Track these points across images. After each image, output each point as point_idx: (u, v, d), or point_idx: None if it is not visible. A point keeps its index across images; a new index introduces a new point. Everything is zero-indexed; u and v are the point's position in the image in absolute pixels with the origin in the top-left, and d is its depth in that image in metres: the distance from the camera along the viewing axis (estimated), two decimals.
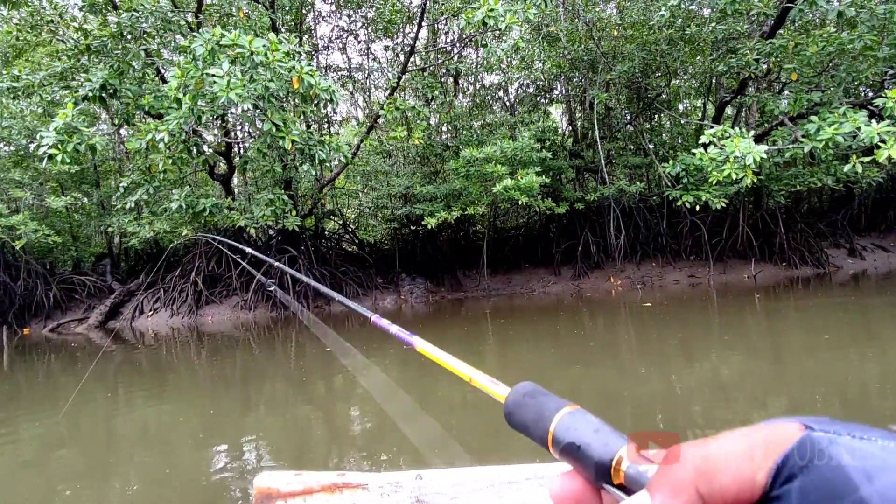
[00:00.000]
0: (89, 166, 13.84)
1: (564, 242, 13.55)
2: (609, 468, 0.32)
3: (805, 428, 0.26)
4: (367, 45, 14.93)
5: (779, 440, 0.26)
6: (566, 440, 0.35)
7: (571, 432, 0.35)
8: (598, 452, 0.33)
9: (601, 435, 0.34)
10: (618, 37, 11.63)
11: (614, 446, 0.33)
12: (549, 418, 0.37)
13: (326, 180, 12.51)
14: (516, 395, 0.41)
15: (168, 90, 6.20)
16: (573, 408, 0.37)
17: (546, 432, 0.37)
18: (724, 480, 0.26)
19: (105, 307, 12.21)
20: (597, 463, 0.33)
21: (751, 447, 0.26)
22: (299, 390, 6.51)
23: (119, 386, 7.49)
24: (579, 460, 0.34)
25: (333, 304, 12.30)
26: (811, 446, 0.25)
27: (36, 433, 5.30)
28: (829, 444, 0.25)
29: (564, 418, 0.36)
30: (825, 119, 7.71)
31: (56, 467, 4.31)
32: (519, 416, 0.40)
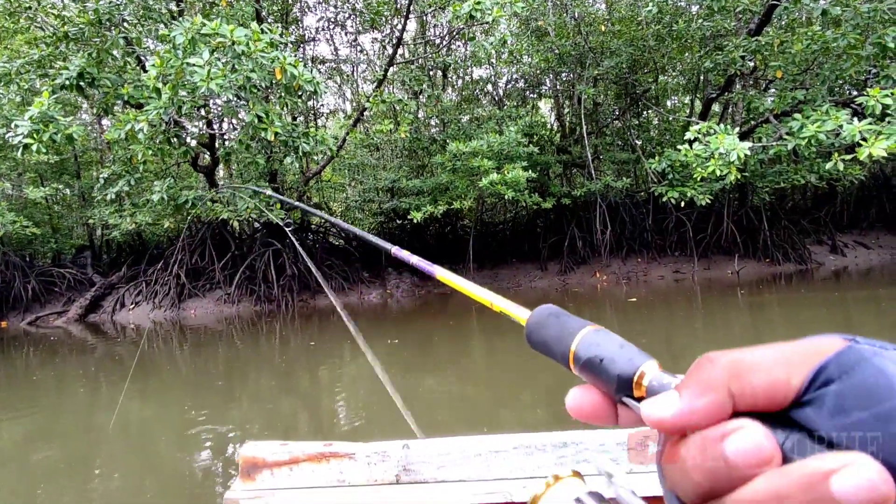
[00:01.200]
0: (69, 157, 13.58)
1: (551, 237, 13.57)
2: (631, 381, 0.31)
3: (849, 341, 0.24)
4: (356, 37, 14.79)
5: (819, 348, 0.24)
6: (589, 354, 0.34)
7: (594, 347, 0.34)
8: (620, 366, 0.32)
9: (626, 350, 0.33)
10: (605, 32, 11.61)
11: (638, 361, 0.32)
12: (572, 335, 0.36)
13: (312, 173, 12.39)
14: (539, 314, 0.40)
15: (147, 79, 6.07)
16: (597, 326, 0.36)
17: (567, 348, 0.35)
18: (756, 381, 0.25)
19: (85, 300, 12.01)
20: (619, 375, 0.32)
21: (789, 352, 0.25)
22: (283, 383, 6.46)
23: (100, 380, 7.38)
24: (601, 374, 0.33)
25: (319, 298, 12.22)
26: (854, 355, 0.23)
27: (17, 428, 5.21)
28: (874, 355, 0.23)
29: (588, 335, 0.35)
30: (808, 117, 7.77)
31: (37, 461, 4.24)
32: (540, 335, 0.39)
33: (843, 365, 0.23)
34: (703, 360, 0.27)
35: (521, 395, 5.40)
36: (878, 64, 8.07)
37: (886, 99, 6.35)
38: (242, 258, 12.02)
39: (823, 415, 0.23)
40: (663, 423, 0.27)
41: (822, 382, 0.24)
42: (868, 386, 0.22)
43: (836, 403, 0.23)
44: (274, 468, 1.52)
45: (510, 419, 4.55)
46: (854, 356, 0.23)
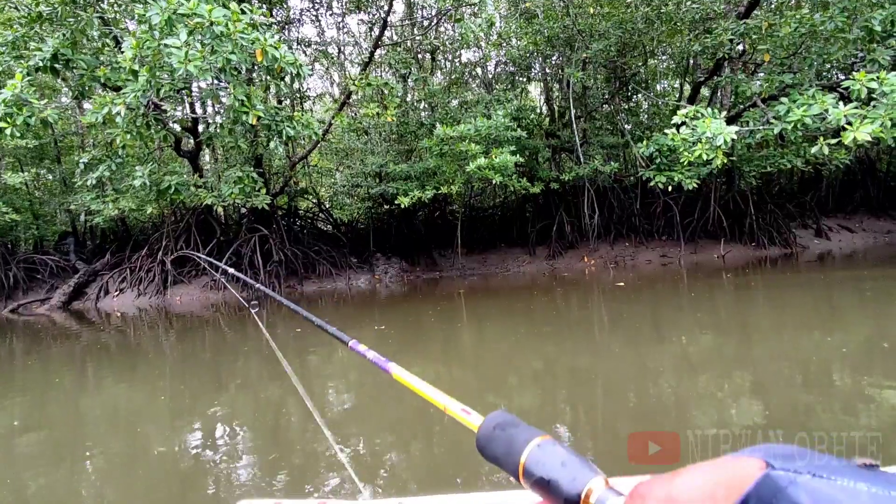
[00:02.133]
0: (49, 141, 13.28)
1: (540, 222, 13.56)
2: (578, 502, 0.32)
3: (766, 465, 0.25)
4: (342, 19, 14.51)
5: (741, 479, 0.25)
6: (536, 475, 0.34)
7: (540, 467, 0.34)
8: (566, 487, 0.33)
9: (569, 469, 0.33)
10: (594, 14, 11.48)
11: (583, 480, 0.32)
12: (519, 452, 0.36)
13: (298, 158, 12.23)
14: (487, 427, 0.41)
15: (123, 61, 5.91)
16: (543, 439, 0.37)
17: (517, 465, 0.36)
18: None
19: (69, 287, 11.85)
20: (566, 498, 0.32)
21: (714, 486, 0.25)
22: (271, 369, 6.42)
23: (87, 368, 7.30)
24: (550, 494, 0.33)
25: (306, 284, 12.15)
26: (771, 486, 0.24)
27: (3, 414, 5.15)
28: (789, 484, 0.24)
29: (534, 452, 0.36)
30: (795, 101, 7.76)
31: (24, 448, 4.21)
32: (491, 450, 0.40)
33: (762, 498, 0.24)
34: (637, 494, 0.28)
35: (508, 379, 5.42)
36: (864, 48, 8.06)
37: (872, 83, 6.34)
38: (228, 244, 11.90)
39: None
40: None
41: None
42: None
43: None
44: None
45: (497, 404, 4.56)
46: (771, 487, 0.24)
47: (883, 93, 6.10)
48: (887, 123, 6.02)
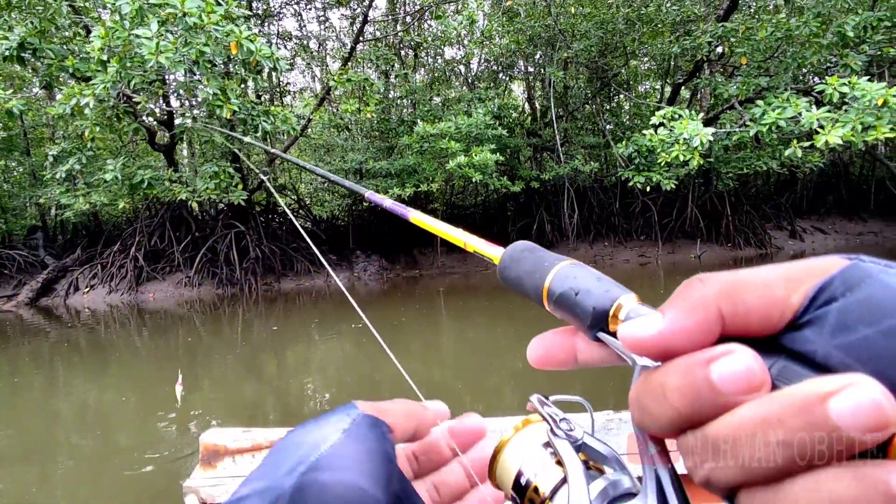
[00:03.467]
0: (18, 132, 12.87)
1: (520, 221, 13.58)
2: (607, 314, 0.29)
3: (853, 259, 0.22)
4: (324, 13, 14.32)
5: (822, 267, 0.22)
6: (563, 288, 0.31)
7: (570, 280, 0.31)
8: (596, 298, 0.29)
9: (603, 283, 0.30)
10: (576, 14, 11.51)
11: (615, 293, 0.29)
12: (548, 269, 0.33)
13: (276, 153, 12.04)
14: (514, 249, 0.38)
15: (91, 51, 5.72)
16: (574, 261, 0.34)
17: (542, 282, 0.33)
18: (751, 299, 0.22)
19: (37, 283, 11.51)
20: (594, 308, 0.29)
21: (790, 270, 0.23)
22: (247, 368, 6.31)
23: (56, 366, 7.10)
24: (575, 308, 0.30)
25: (284, 282, 11.99)
26: (859, 272, 0.21)
27: None
28: (880, 272, 0.21)
29: (564, 268, 0.33)
30: (770, 104, 7.86)
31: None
32: (514, 270, 0.36)
33: (848, 281, 0.21)
34: (694, 279, 0.24)
35: (487, 380, 5.40)
36: (838, 53, 8.20)
37: (844, 87, 6.44)
38: (204, 240, 11.67)
39: (824, 334, 0.21)
40: (642, 342, 0.24)
41: (824, 300, 0.21)
42: (875, 301, 0.20)
43: (839, 320, 0.21)
44: (236, 455, 1.49)
45: (475, 404, 4.53)
46: (859, 273, 0.21)
47: (854, 97, 6.21)
48: (858, 127, 6.13)
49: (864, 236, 14.38)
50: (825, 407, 0.18)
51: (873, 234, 14.50)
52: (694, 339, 0.23)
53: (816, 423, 0.18)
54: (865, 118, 6.14)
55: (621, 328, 0.26)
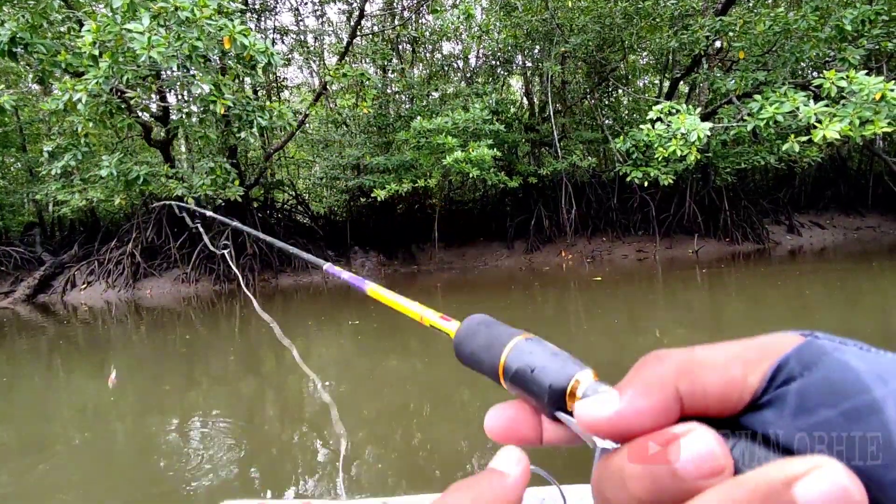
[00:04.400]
0: (14, 128, 12.83)
1: (518, 216, 13.55)
2: (565, 392, 0.28)
3: (807, 336, 0.22)
4: (321, 7, 14.25)
5: (777, 345, 0.22)
6: (519, 364, 0.31)
7: (526, 356, 0.31)
8: (552, 375, 0.29)
9: (558, 358, 0.30)
10: (573, 8, 11.44)
11: (572, 370, 0.29)
12: (503, 345, 0.32)
13: (273, 149, 12.01)
14: (468, 324, 0.37)
15: (82, 46, 5.68)
16: (529, 335, 0.33)
17: (497, 360, 0.32)
18: (709, 379, 0.22)
19: (34, 280, 11.49)
20: (551, 385, 0.29)
21: (745, 349, 0.22)
22: (245, 365, 6.30)
23: (53, 362, 7.09)
24: (531, 385, 0.30)
25: (281, 278, 11.97)
26: (815, 349, 0.21)
27: None
28: (835, 350, 0.21)
29: (520, 344, 0.32)
30: (768, 98, 7.82)
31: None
32: (469, 345, 0.36)
33: (805, 360, 0.21)
34: (650, 356, 0.24)
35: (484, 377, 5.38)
36: (836, 47, 8.16)
37: (842, 82, 6.41)
38: (201, 236, 11.64)
39: (785, 416, 0.21)
40: (598, 423, 0.24)
41: (782, 380, 0.21)
42: (833, 381, 0.20)
43: (798, 402, 0.20)
44: None
45: (472, 401, 4.51)
46: (815, 351, 0.21)
47: (852, 91, 6.17)
48: (856, 122, 6.10)
49: (861, 231, 14.36)
50: (791, 493, 0.17)
51: (871, 228, 14.48)
52: (652, 419, 0.22)
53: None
54: (863, 112, 6.11)
55: (577, 407, 0.25)
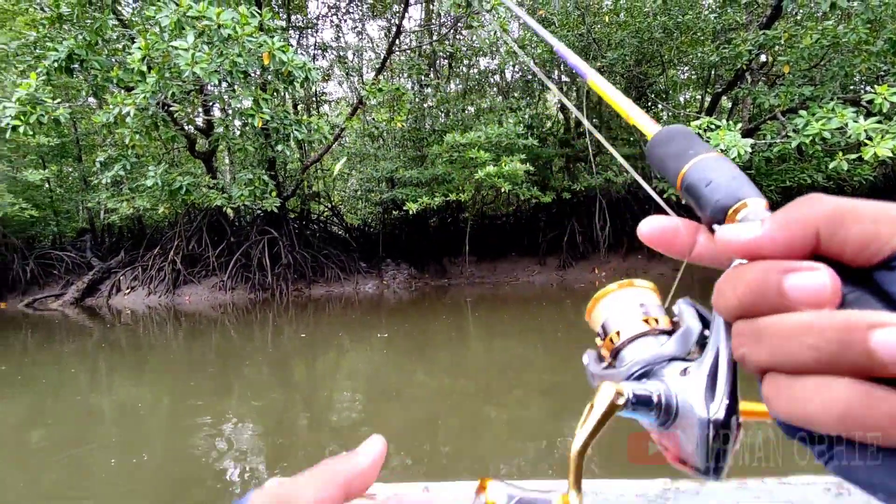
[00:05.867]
0: (70, 139, 13.56)
1: (551, 232, 13.40)
2: (727, 209, 0.30)
3: None
4: (362, 25, 14.61)
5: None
6: (698, 175, 0.32)
7: (707, 171, 0.32)
8: (724, 192, 0.30)
9: (736, 181, 0.31)
10: (610, 23, 11.35)
11: (744, 194, 0.30)
12: (691, 156, 0.34)
13: (310, 161, 12.29)
14: (668, 130, 0.38)
15: (132, 62, 5.97)
16: (720, 155, 0.34)
17: (681, 168, 0.34)
18: (853, 229, 0.23)
19: (83, 283, 12.04)
20: (718, 200, 0.30)
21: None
22: (276, 373, 6.40)
23: (98, 363, 7.38)
24: (701, 197, 0.31)
25: (314, 288, 12.16)
26: None
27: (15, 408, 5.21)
28: None
29: (706, 159, 0.33)
30: (814, 114, 7.53)
31: (34, 441, 4.28)
32: (661, 150, 0.37)
33: None
34: (807, 196, 0.25)
35: (512, 392, 5.29)
36: (889, 60, 7.80)
37: (895, 97, 6.11)
38: (238, 245, 11.98)
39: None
40: (732, 244, 0.26)
41: None
42: None
43: None
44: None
45: (500, 416, 4.44)
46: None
47: None
48: None
49: None
50: (867, 334, 0.20)
51: None
52: (784, 250, 0.24)
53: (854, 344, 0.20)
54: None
55: (718, 231, 0.27)
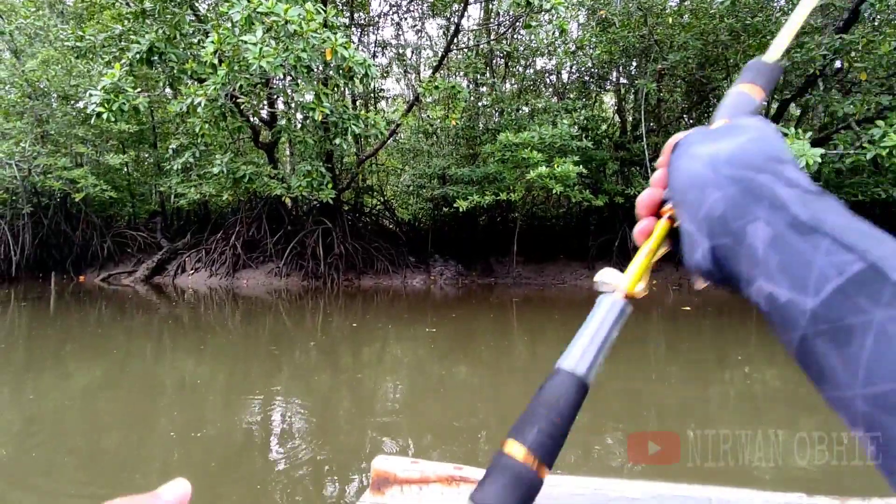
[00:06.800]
0: (148, 127, 14.51)
1: (602, 236, 13.18)
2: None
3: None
4: (422, 23, 14.86)
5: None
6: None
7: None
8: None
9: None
10: (673, 24, 11.04)
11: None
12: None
13: (365, 156, 12.63)
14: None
15: (204, 55, 6.38)
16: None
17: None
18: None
19: (152, 262, 12.89)
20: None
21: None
22: (326, 360, 6.66)
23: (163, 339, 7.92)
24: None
25: (364, 279, 12.49)
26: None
27: (87, 376, 5.70)
28: None
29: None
30: (892, 125, 7.10)
31: (102, 409, 4.65)
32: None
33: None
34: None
35: None
36: None
37: None
38: (294, 234, 12.48)
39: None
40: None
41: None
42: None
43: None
44: (404, 485, 1.53)
45: None
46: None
47: None
48: None
49: None
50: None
51: None
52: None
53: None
54: None
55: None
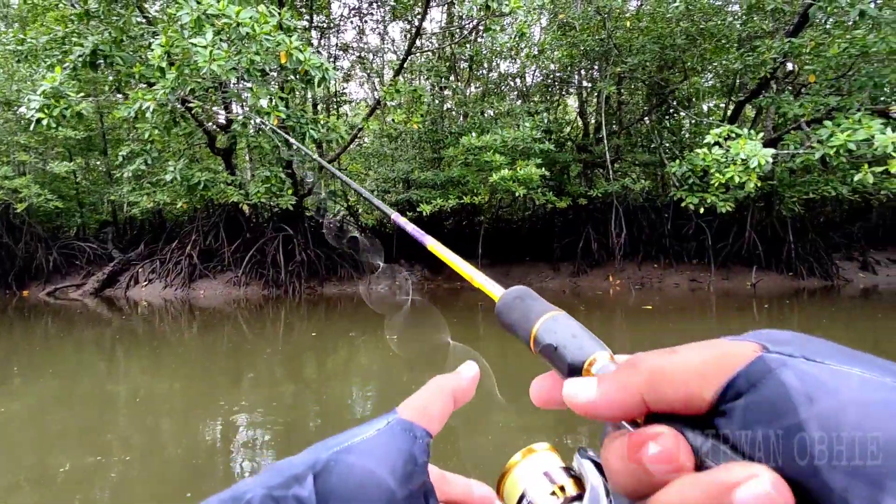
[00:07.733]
0: (97, 133, 13.87)
1: (566, 238, 13.28)
2: (580, 369, 0.34)
3: (761, 349, 0.25)
4: (384, 26, 14.70)
5: (733, 359, 0.25)
6: (546, 341, 0.36)
7: (551, 334, 0.36)
8: (572, 353, 0.35)
9: (578, 339, 0.35)
10: (632, 28, 11.22)
11: (589, 350, 0.34)
12: (534, 320, 0.38)
13: (327, 160, 12.37)
14: (508, 296, 0.42)
15: (152, 58, 6.08)
16: (558, 312, 0.38)
17: (529, 332, 0.38)
18: (669, 393, 0.27)
19: (103, 275, 12.29)
20: (570, 363, 0.35)
21: (703, 364, 0.26)
22: (287, 370, 6.44)
23: (114, 354, 7.52)
24: (556, 360, 0.36)
25: (326, 286, 12.23)
26: (762, 367, 0.25)
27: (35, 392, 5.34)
28: (780, 365, 0.24)
29: (547, 322, 0.37)
30: (839, 125, 7.35)
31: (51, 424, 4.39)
32: (507, 316, 0.41)
33: (751, 378, 0.24)
34: (629, 361, 0.29)
35: (522, 398, 5.24)
36: None
37: None
38: (254, 242, 12.12)
39: (734, 427, 0.25)
40: (574, 403, 0.30)
41: (732, 396, 0.25)
42: (770, 401, 0.23)
43: (742, 418, 0.24)
44: None
45: (508, 424, 4.41)
46: (761, 368, 0.24)
47: None
48: None
49: None
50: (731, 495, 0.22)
51: None
52: (622, 412, 0.28)
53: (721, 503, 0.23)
54: None
55: (564, 385, 0.31)
